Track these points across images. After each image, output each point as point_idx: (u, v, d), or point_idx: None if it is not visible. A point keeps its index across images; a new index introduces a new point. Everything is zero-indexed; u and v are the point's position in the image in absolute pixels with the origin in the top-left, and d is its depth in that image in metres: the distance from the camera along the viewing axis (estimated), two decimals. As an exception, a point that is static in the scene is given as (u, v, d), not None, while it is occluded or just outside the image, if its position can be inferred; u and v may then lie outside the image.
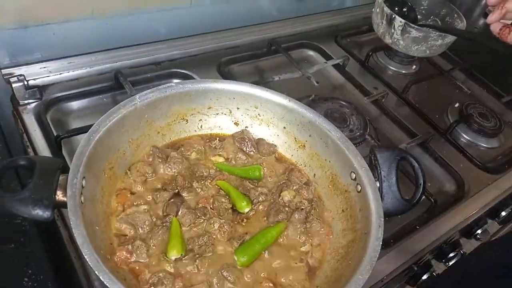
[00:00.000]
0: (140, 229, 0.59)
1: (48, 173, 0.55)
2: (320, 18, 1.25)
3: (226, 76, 0.99)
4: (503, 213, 0.96)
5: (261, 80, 1.01)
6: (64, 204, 0.52)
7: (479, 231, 0.91)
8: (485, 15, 1.48)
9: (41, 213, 0.51)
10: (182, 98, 0.71)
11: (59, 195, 0.53)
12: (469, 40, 1.04)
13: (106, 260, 0.52)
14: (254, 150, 0.74)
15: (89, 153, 0.57)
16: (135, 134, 0.67)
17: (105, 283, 0.46)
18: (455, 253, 0.86)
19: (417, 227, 0.79)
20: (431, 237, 0.80)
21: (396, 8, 1.14)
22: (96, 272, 0.46)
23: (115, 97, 0.91)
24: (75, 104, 0.86)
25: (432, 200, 0.83)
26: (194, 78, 0.96)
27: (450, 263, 0.87)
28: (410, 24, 1.04)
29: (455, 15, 1.15)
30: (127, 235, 0.58)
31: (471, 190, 0.89)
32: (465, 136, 1.04)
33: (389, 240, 0.76)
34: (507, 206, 0.97)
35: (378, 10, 1.10)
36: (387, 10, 1.06)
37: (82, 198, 0.53)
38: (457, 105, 1.12)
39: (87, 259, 0.47)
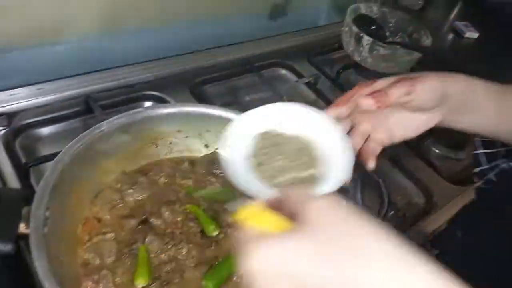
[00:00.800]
0: (106, 258, 0.59)
1: (11, 205, 0.55)
2: (293, 36, 1.28)
3: (199, 97, 1.00)
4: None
5: (234, 100, 1.02)
6: (27, 237, 0.52)
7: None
8: (453, 31, 1.55)
9: (2, 247, 0.51)
10: (151, 122, 0.71)
11: (22, 228, 0.53)
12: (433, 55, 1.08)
13: (70, 292, 0.52)
14: (224, 172, 0.74)
15: (54, 183, 0.57)
16: (102, 161, 0.67)
17: (67, 316, 0.46)
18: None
19: (388, 242, 0.81)
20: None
21: (365, 27, 1.18)
22: (58, 305, 0.46)
23: (86, 122, 0.90)
24: (44, 131, 0.86)
25: (401, 215, 0.84)
26: (166, 100, 0.97)
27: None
28: (377, 42, 1.07)
29: (422, 31, 1.19)
30: (93, 265, 0.58)
31: (440, 202, 0.91)
32: (434, 149, 1.07)
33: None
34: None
35: (347, 29, 1.13)
36: (355, 29, 1.10)
37: (46, 229, 0.53)
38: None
39: (49, 293, 0.47)
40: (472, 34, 1.51)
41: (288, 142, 0.52)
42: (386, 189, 0.67)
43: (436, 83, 0.56)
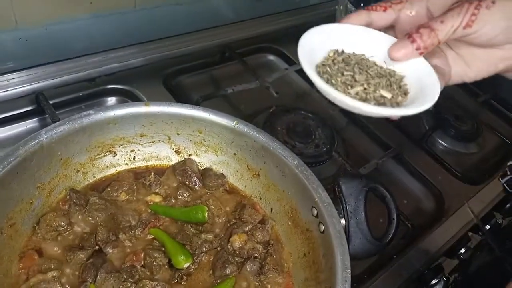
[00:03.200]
0: (45, 306, 0.46)
1: None
2: (281, 18, 1.14)
3: (173, 89, 0.87)
4: (488, 227, 0.88)
5: (214, 93, 0.89)
6: None
7: (462, 250, 0.82)
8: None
9: None
10: (105, 127, 0.58)
11: None
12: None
13: None
14: (199, 184, 0.62)
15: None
16: (45, 177, 0.55)
17: None
18: (438, 279, 0.77)
19: (394, 256, 0.70)
20: (410, 266, 0.70)
21: (362, 4, 1.04)
22: None
23: (42, 122, 0.77)
24: (-15, 135, 0.72)
25: (409, 225, 0.73)
26: (134, 95, 0.83)
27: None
28: (377, 22, 0.94)
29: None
30: (27, 316, 0.46)
31: (452, 206, 0.80)
32: (442, 142, 0.95)
33: (362, 277, 0.66)
34: (491, 218, 0.89)
35: (341, 7, 0.99)
36: (351, 7, 0.96)
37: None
38: (431, 108, 1.02)
39: None
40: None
41: (368, 64, 0.47)
42: (396, 207, 0.55)
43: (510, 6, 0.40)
